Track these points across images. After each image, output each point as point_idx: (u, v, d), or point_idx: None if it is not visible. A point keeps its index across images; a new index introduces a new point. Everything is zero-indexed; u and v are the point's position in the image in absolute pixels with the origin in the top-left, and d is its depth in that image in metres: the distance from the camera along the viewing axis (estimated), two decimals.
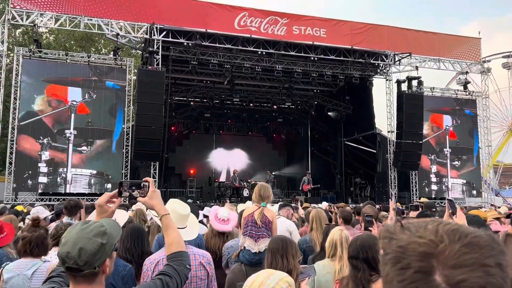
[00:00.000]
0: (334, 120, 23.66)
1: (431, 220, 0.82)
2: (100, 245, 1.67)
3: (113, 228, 1.79)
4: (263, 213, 4.06)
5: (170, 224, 2.10)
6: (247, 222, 4.06)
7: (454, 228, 0.78)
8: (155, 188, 2.09)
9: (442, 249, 0.75)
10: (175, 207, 3.01)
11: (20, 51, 15.53)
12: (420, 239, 0.77)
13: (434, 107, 20.31)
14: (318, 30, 17.79)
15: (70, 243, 1.67)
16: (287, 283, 1.57)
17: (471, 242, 0.76)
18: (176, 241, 2.07)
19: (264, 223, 4.03)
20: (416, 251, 0.76)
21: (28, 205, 12.07)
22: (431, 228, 0.79)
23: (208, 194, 19.34)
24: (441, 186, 20.14)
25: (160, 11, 16.31)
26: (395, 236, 0.81)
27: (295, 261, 2.85)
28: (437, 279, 0.73)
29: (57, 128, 15.53)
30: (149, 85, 15.24)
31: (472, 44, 20.90)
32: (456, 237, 0.76)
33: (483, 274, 0.72)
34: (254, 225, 4.02)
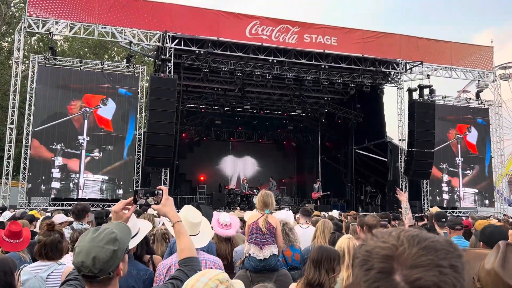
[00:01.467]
0: (344, 128, 23.61)
1: (397, 228, 0.92)
2: (113, 252, 1.73)
3: (123, 233, 1.85)
4: (267, 220, 4.11)
5: (182, 230, 2.18)
6: (252, 230, 4.11)
7: (414, 234, 0.88)
8: (168, 196, 2.19)
9: (401, 251, 0.84)
10: (187, 215, 3.07)
11: (35, 58, 15.84)
12: (383, 244, 0.87)
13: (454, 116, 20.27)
14: (329, 38, 17.85)
15: (83, 252, 1.73)
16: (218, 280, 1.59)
17: (427, 245, 0.85)
18: (188, 247, 2.14)
19: (268, 230, 4.08)
20: (379, 254, 0.86)
21: (42, 210, 12.25)
22: (394, 235, 0.89)
23: (218, 201, 19.39)
24: (453, 196, 19.94)
25: (172, 19, 16.53)
26: (365, 242, 0.91)
27: (329, 275, 2.87)
28: (397, 279, 0.82)
29: (70, 134, 15.72)
30: (161, 92, 15.42)
31: (485, 53, 20.79)
32: (415, 241, 0.86)
33: (437, 273, 0.81)
34: (259, 232, 4.06)
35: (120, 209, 2.13)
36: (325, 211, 15.08)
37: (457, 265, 0.84)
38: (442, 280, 0.81)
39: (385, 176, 20.77)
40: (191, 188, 24.00)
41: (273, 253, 4.08)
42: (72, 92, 15.87)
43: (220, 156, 26.47)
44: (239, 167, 26.66)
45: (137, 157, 16.35)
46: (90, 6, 15.91)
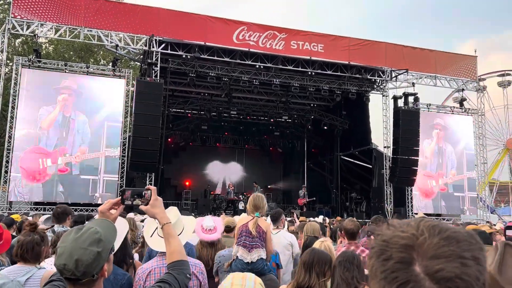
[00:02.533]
0: (330, 135, 23.73)
1: (415, 218, 0.89)
2: (97, 254, 1.66)
3: (108, 232, 1.77)
4: (257, 223, 4.08)
5: (172, 232, 2.09)
6: (242, 232, 4.07)
7: (435, 224, 0.84)
8: (157, 196, 2.09)
9: (422, 241, 0.81)
10: None
11: (19, 60, 15.59)
12: (403, 233, 0.83)
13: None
14: (315, 45, 17.96)
15: (65, 254, 1.65)
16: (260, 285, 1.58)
17: (449, 236, 0.81)
18: (178, 250, 2.06)
19: (258, 233, 4.05)
20: (398, 244, 0.82)
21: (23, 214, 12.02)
22: (413, 224, 0.85)
23: (204, 206, 19.29)
24: (437, 202, 20.13)
25: (159, 23, 16.46)
26: (381, 232, 0.87)
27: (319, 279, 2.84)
28: (417, 269, 0.78)
29: (54, 137, 15.51)
30: (147, 96, 15.30)
31: (468, 62, 21.13)
32: (436, 231, 0.82)
33: (459, 265, 0.77)
34: (248, 235, 4.03)
35: (107, 209, 2.03)
36: (311, 217, 15.11)
37: (480, 257, 0.81)
38: (464, 272, 0.77)
39: (370, 182, 20.90)
40: (176, 194, 23.86)
41: (261, 256, 4.06)
42: (57, 95, 15.69)
43: (206, 162, 26.38)
44: (225, 172, 26.59)
45: (122, 161, 16.17)
46: (76, 8, 15.76)
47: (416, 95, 19.19)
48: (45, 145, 15.48)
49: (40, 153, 15.37)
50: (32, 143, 15.33)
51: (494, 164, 40.50)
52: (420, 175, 19.38)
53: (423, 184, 19.96)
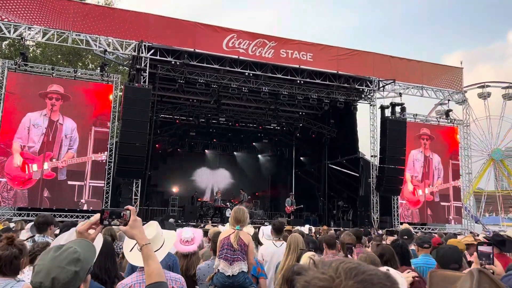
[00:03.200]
0: (318, 143, 23.83)
1: (338, 259, 0.93)
2: (74, 273, 1.66)
3: (87, 252, 1.77)
4: (239, 236, 4.07)
5: (150, 254, 2.07)
6: (223, 245, 4.07)
7: (353, 266, 0.88)
8: (136, 217, 2.06)
9: (338, 284, 0.85)
10: None
11: (5, 63, 15.40)
12: (322, 275, 0.88)
13: None
14: (305, 54, 18.08)
15: (43, 272, 1.65)
16: None
17: (364, 279, 0.85)
18: (156, 271, 2.04)
19: (240, 246, 4.04)
20: (317, 285, 0.87)
21: (5, 220, 11.85)
22: (334, 266, 0.89)
23: (190, 213, 19.15)
24: (423, 211, 20.27)
25: (149, 29, 16.43)
26: (305, 272, 0.92)
27: None
28: None
29: (40, 142, 15.31)
30: (135, 102, 15.22)
31: (454, 74, 21.44)
32: (353, 274, 0.86)
33: None
34: (230, 248, 4.03)
35: (85, 230, 2.01)
36: (298, 225, 15.11)
37: None
38: None
39: (357, 191, 20.99)
40: (163, 200, 23.69)
41: (242, 269, 4.04)
42: (44, 99, 15.51)
43: (194, 168, 26.27)
44: (213, 179, 26.52)
45: (108, 167, 16.03)
46: (65, 12, 15.66)
47: (403, 105, 19.40)
48: (31, 150, 15.25)
49: (25, 158, 15.15)
50: (17, 147, 15.09)
51: (479, 174, 41.03)
52: (407, 184, 19.56)
53: (409, 193, 20.11)
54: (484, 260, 2.77)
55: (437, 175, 20.86)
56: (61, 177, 15.53)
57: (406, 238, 6.28)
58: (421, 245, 4.99)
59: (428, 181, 20.59)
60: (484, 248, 2.83)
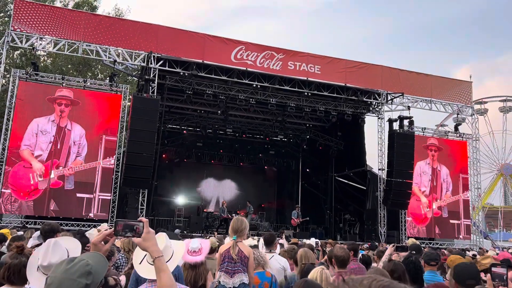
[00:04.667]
0: (325, 155, 23.76)
1: (369, 276, 0.92)
2: (85, 286, 1.67)
3: (99, 265, 1.78)
4: (239, 248, 4.08)
5: (163, 267, 2.07)
6: (224, 258, 4.08)
7: (385, 284, 0.87)
8: (149, 229, 2.07)
9: None
10: None
11: (17, 73, 15.58)
12: None
13: None
14: (312, 66, 18.13)
15: (54, 284, 1.67)
16: None
17: None
18: (168, 284, 2.04)
19: (240, 258, 4.04)
20: None
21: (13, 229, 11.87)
22: (366, 283, 0.89)
23: (196, 224, 19.11)
24: (431, 228, 19.99)
25: (158, 40, 16.58)
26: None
27: None
28: None
29: (48, 149, 15.22)
30: (143, 112, 15.31)
31: (464, 87, 21.36)
32: None
33: None
34: (230, 261, 4.03)
35: (99, 241, 2.04)
36: (304, 238, 15.02)
37: None
38: None
39: (364, 204, 20.85)
40: (169, 210, 23.66)
41: (243, 281, 4.03)
42: (52, 104, 15.55)
43: (200, 179, 26.28)
44: (219, 190, 26.49)
45: (115, 177, 16.06)
46: (76, 23, 15.86)
47: (411, 119, 19.31)
48: (39, 158, 15.12)
49: (30, 167, 14.93)
50: (28, 155, 14.94)
51: (488, 189, 40.66)
52: (413, 198, 19.25)
53: (415, 209, 19.71)
54: (498, 282, 2.72)
55: (446, 188, 20.51)
56: (68, 186, 15.35)
57: (414, 253, 6.16)
58: (428, 262, 4.87)
59: (435, 195, 20.27)
60: (498, 270, 2.78)
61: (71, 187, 15.41)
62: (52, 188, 15.14)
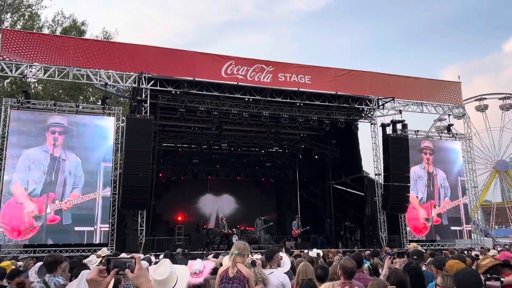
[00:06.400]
0: (321, 164, 23.82)
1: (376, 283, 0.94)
2: None
3: None
4: (238, 269, 4.12)
5: None
6: (222, 279, 4.11)
7: None
8: (141, 265, 2.05)
9: None
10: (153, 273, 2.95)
11: (8, 102, 15.57)
12: None
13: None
14: (303, 77, 18.27)
15: None
16: None
17: None
18: None
19: (238, 278, 4.08)
20: None
21: (12, 259, 11.76)
22: None
23: (197, 241, 19.01)
24: (431, 229, 19.97)
25: (148, 60, 16.66)
26: None
27: None
28: None
29: (42, 182, 14.90)
30: (137, 133, 15.32)
31: (453, 88, 21.57)
32: None
33: None
34: (228, 281, 4.07)
35: (96, 276, 2.02)
36: (306, 248, 14.98)
37: None
38: None
39: (363, 210, 20.82)
40: (168, 229, 23.52)
41: None
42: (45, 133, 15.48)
43: (198, 195, 26.19)
44: (218, 205, 26.40)
45: (113, 199, 16.00)
46: (65, 49, 15.92)
47: (404, 122, 19.44)
48: (33, 193, 14.64)
49: (22, 204, 14.40)
50: (20, 190, 14.54)
51: (485, 187, 40.81)
52: (410, 207, 19.08)
53: (413, 219, 19.54)
54: None
55: (444, 193, 20.37)
56: (67, 222, 14.87)
57: (416, 258, 6.07)
58: (439, 267, 4.76)
59: (433, 201, 20.12)
60: (492, 283, 2.78)
61: (69, 222, 14.91)
62: (49, 224, 14.63)
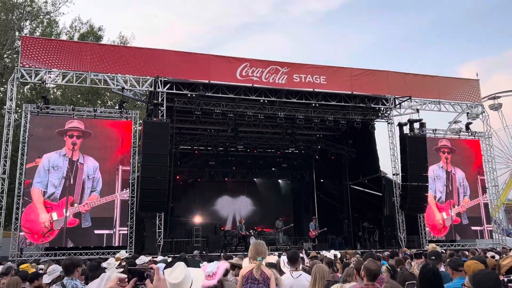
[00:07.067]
0: (338, 164, 23.69)
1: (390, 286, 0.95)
2: None
3: None
4: (261, 269, 4.14)
5: None
6: (247, 280, 4.12)
7: None
8: (159, 276, 2.06)
9: None
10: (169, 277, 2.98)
11: (28, 107, 15.89)
12: None
13: None
14: (318, 77, 18.22)
15: None
16: None
17: None
18: None
19: (263, 278, 4.10)
20: None
21: (33, 262, 11.99)
22: None
23: (214, 243, 19.09)
24: (450, 229, 19.67)
25: (164, 64, 16.83)
26: None
27: None
28: None
29: (61, 186, 15.16)
30: (154, 136, 15.48)
31: (471, 86, 21.25)
32: None
33: None
34: (254, 282, 4.08)
35: (116, 286, 2.03)
36: (324, 249, 14.90)
37: None
38: None
39: (381, 211, 20.63)
40: (186, 231, 23.63)
41: None
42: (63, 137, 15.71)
43: (215, 197, 26.26)
44: (235, 207, 26.43)
45: (131, 202, 16.18)
46: (82, 54, 16.20)
47: (422, 121, 19.21)
48: (52, 196, 14.92)
49: (42, 208, 14.68)
50: (39, 196, 14.82)
51: (507, 185, 40.03)
52: (428, 207, 18.83)
53: (432, 218, 19.27)
54: None
55: (463, 192, 20.09)
56: (86, 224, 15.10)
57: (433, 258, 5.96)
58: (455, 268, 4.66)
59: (452, 200, 19.82)
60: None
61: (88, 225, 15.14)
62: (68, 227, 14.87)
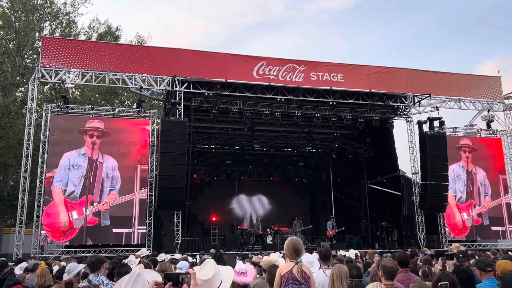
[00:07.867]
0: (356, 163, 23.47)
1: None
2: None
3: None
4: (301, 269, 4.09)
5: None
6: (288, 280, 4.09)
7: None
8: (196, 281, 2.04)
9: None
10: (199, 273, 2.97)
11: (48, 107, 16.13)
12: None
13: None
14: (335, 75, 18.08)
15: None
16: None
17: None
18: None
19: (304, 279, 4.06)
20: None
21: (54, 259, 12.17)
22: None
23: (231, 242, 19.12)
24: (471, 229, 19.30)
25: (181, 64, 16.90)
26: None
27: None
28: None
29: (80, 184, 15.35)
30: (172, 135, 15.57)
31: (492, 83, 20.84)
32: None
33: None
34: (295, 282, 4.04)
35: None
36: (341, 249, 14.78)
37: None
38: None
39: (400, 210, 20.38)
40: (203, 230, 23.75)
41: None
42: (83, 137, 15.91)
43: (232, 196, 26.31)
44: (251, 206, 26.44)
45: (149, 200, 16.29)
46: (101, 54, 16.37)
47: (441, 119, 18.91)
48: (72, 195, 15.12)
49: (63, 207, 14.89)
50: (59, 194, 15.04)
51: None
52: (448, 207, 18.56)
53: (453, 218, 18.94)
54: None
55: (484, 192, 19.67)
56: (105, 223, 15.27)
57: (461, 256, 5.89)
58: (483, 268, 4.58)
59: (473, 200, 19.44)
60: None
61: (107, 223, 15.30)
62: (88, 225, 15.06)
